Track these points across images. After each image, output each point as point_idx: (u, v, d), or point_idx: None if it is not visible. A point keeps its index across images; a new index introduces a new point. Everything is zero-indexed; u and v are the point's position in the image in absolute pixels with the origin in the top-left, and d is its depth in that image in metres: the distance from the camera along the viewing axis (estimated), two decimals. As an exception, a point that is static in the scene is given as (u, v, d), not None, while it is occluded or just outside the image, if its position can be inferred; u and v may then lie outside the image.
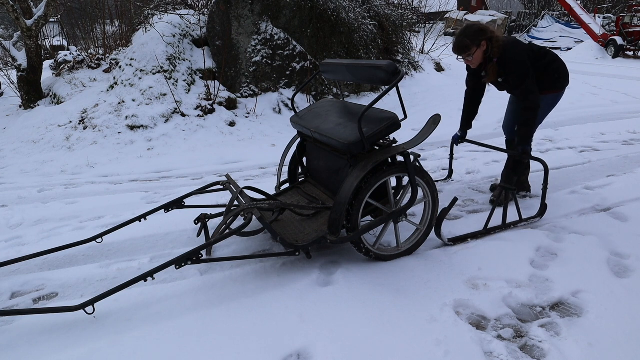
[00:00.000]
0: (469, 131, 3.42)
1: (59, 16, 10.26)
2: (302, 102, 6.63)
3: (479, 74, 3.01)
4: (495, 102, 7.13)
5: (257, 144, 5.44)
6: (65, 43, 10.91)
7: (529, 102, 2.76)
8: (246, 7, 6.31)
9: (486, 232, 2.75)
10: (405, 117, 2.34)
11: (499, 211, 2.91)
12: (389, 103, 6.70)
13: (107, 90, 6.25)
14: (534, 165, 3.96)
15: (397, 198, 2.52)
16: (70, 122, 5.83)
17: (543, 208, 2.92)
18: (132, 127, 5.50)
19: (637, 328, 1.88)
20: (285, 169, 3.14)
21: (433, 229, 2.56)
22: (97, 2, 9.04)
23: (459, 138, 3.38)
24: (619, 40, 14.53)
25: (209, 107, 5.90)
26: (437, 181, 3.67)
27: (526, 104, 2.77)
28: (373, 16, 8.23)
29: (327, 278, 2.30)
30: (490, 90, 3.29)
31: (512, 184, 2.95)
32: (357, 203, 2.27)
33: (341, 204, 2.21)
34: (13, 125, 6.20)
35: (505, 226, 2.80)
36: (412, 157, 3.18)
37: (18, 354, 1.81)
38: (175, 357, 1.77)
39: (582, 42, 16.75)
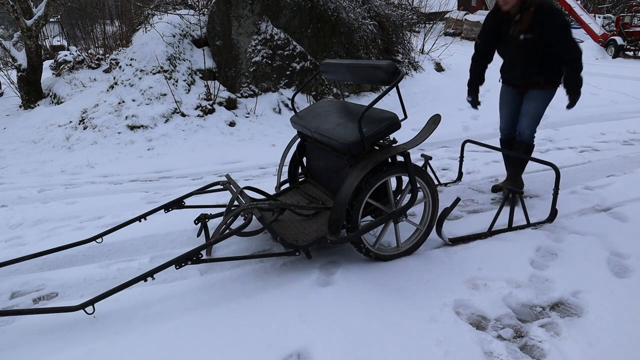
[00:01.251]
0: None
1: (59, 16, 10.26)
2: (302, 102, 6.64)
3: (499, 29, 2.98)
4: (496, 102, 7.13)
5: (257, 144, 5.44)
6: (65, 43, 10.90)
7: (574, 52, 2.79)
8: (246, 7, 6.31)
9: (490, 234, 2.74)
10: (405, 117, 2.34)
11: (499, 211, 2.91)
12: (389, 103, 6.70)
13: (107, 90, 6.25)
14: (538, 166, 3.97)
15: (397, 198, 2.52)
16: (70, 122, 5.83)
17: (553, 213, 2.91)
18: (132, 127, 5.50)
19: (637, 328, 1.88)
20: (285, 169, 3.14)
21: (434, 229, 2.56)
22: (97, 2, 9.05)
23: (475, 101, 3.37)
24: (619, 40, 14.52)
25: (209, 107, 5.90)
26: (446, 184, 3.67)
27: (572, 55, 2.80)
28: (373, 16, 8.23)
29: (327, 278, 2.30)
30: (491, 90, 3.29)
31: (519, 182, 2.91)
32: (357, 203, 2.27)
33: (341, 204, 2.21)
34: (13, 125, 6.20)
35: (511, 229, 2.79)
36: (423, 159, 3.20)
37: (18, 354, 1.81)
38: (176, 357, 1.77)
39: (582, 42, 16.73)
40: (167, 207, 2.72)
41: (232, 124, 5.82)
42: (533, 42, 2.85)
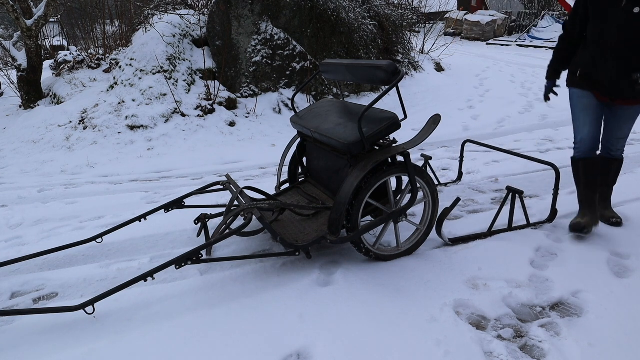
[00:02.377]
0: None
1: (59, 16, 10.26)
2: (302, 102, 6.64)
3: (596, 2, 2.37)
4: (495, 102, 7.15)
5: (257, 144, 5.44)
6: (65, 43, 10.90)
7: None
8: (246, 7, 6.31)
9: (490, 234, 2.74)
10: (405, 117, 2.34)
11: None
12: (389, 103, 6.70)
13: (107, 90, 6.25)
14: (538, 166, 3.97)
15: (397, 198, 2.53)
16: (70, 122, 5.83)
17: (553, 213, 2.90)
18: (132, 127, 5.50)
19: (637, 328, 1.88)
20: (285, 169, 3.14)
21: (433, 229, 2.56)
22: (97, 2, 9.05)
23: (550, 89, 2.82)
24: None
25: (209, 107, 5.90)
26: (446, 184, 3.67)
27: None
28: (373, 16, 8.23)
29: (327, 278, 2.30)
30: (491, 90, 3.28)
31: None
32: (357, 203, 2.27)
33: (341, 204, 2.21)
34: (13, 125, 6.20)
35: (511, 229, 2.79)
36: (423, 159, 3.17)
37: (18, 354, 1.81)
38: (175, 357, 1.77)
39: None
40: (167, 207, 2.72)
41: (232, 124, 5.82)
42: None
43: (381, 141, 2.48)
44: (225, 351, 1.79)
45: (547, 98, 2.88)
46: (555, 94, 2.84)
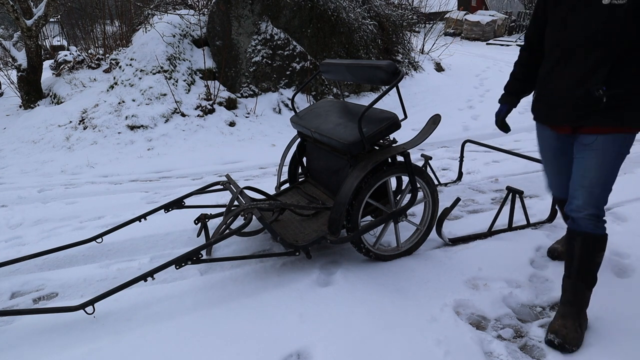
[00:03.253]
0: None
1: (59, 16, 10.26)
2: (302, 102, 6.64)
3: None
4: (496, 102, 7.14)
5: (257, 144, 5.44)
6: (65, 43, 10.90)
7: None
8: (246, 7, 6.31)
9: (490, 234, 2.74)
10: (405, 117, 2.34)
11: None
12: (389, 103, 6.70)
13: (107, 90, 6.25)
14: (538, 166, 3.97)
15: (397, 198, 2.53)
16: (70, 122, 5.83)
17: (553, 213, 2.90)
18: (132, 127, 5.50)
19: (637, 328, 1.88)
20: (285, 169, 3.14)
21: (434, 229, 2.56)
22: (97, 2, 9.05)
23: (503, 115, 2.23)
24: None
25: (209, 107, 5.91)
26: (446, 184, 3.67)
27: None
28: (373, 16, 8.23)
29: (327, 278, 2.30)
30: (491, 90, 3.26)
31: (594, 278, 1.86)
32: (357, 203, 2.27)
33: (341, 204, 2.21)
34: (13, 125, 6.20)
35: (511, 229, 2.79)
36: (423, 159, 3.16)
37: (18, 354, 1.81)
38: (175, 357, 1.77)
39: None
40: (167, 207, 2.72)
41: (232, 124, 5.83)
42: (624, 12, 1.62)
43: (381, 141, 2.48)
44: (225, 351, 1.79)
45: (502, 127, 2.25)
46: (507, 127, 2.25)
